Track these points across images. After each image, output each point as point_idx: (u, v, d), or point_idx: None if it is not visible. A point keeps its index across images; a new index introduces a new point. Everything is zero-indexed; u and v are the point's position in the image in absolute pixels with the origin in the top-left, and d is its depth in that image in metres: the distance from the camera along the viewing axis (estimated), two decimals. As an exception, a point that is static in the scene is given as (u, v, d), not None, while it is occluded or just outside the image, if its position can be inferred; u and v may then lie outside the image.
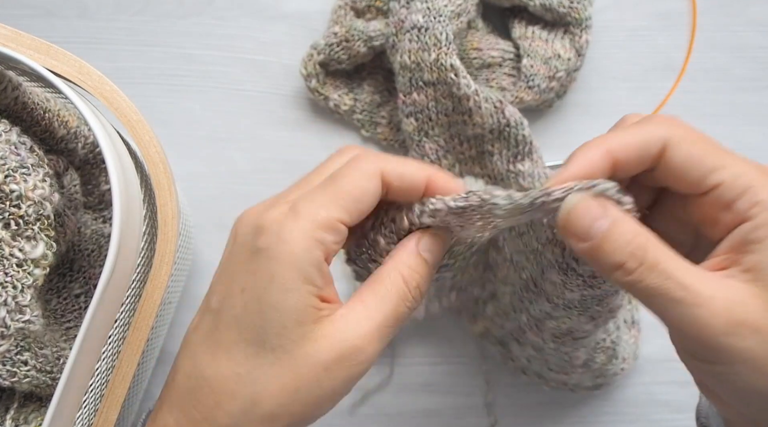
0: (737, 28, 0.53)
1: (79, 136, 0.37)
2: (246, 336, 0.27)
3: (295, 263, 0.27)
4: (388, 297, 0.29)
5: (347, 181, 0.28)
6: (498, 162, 0.48)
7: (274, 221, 0.28)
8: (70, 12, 0.52)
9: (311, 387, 0.27)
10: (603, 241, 0.26)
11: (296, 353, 0.27)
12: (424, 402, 0.50)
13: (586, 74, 0.52)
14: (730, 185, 0.26)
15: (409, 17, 0.46)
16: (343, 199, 0.28)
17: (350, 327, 0.28)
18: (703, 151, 0.27)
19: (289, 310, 0.27)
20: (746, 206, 0.26)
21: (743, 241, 0.26)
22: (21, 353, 0.32)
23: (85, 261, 0.38)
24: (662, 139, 0.27)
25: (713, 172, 0.27)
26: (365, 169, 0.29)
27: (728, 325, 0.25)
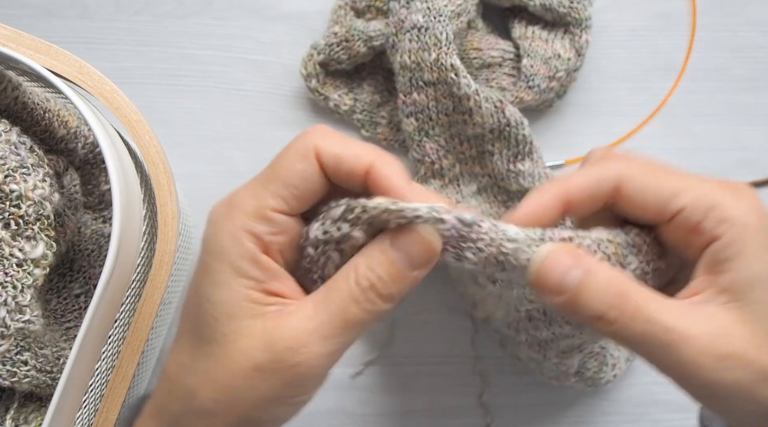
0: (737, 28, 0.53)
1: (79, 136, 0.37)
2: (190, 327, 0.27)
3: (224, 255, 0.26)
4: (335, 295, 0.26)
5: (280, 163, 0.27)
6: (498, 162, 0.48)
7: (213, 212, 0.27)
8: (70, 12, 0.52)
9: (246, 387, 0.25)
10: (578, 293, 0.25)
11: (228, 348, 0.26)
12: (419, 402, 0.50)
13: (586, 74, 0.52)
14: (693, 208, 0.26)
15: (409, 17, 0.46)
16: (275, 186, 0.26)
17: (289, 325, 0.25)
18: (659, 180, 0.27)
19: (220, 303, 0.26)
20: (713, 225, 0.26)
21: (715, 261, 0.26)
22: (21, 353, 0.32)
23: (85, 261, 0.38)
24: (615, 176, 0.27)
25: (674, 198, 0.26)
26: (298, 149, 0.26)
27: (716, 360, 0.24)
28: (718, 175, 0.51)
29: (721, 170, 0.52)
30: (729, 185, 0.27)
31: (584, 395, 0.50)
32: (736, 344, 0.25)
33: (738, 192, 0.26)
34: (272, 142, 0.52)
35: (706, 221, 0.26)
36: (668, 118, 0.52)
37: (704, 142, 0.52)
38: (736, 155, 0.52)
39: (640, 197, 0.27)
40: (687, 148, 0.52)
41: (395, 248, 0.26)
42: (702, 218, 0.26)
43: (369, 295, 0.26)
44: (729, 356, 0.24)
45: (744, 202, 0.26)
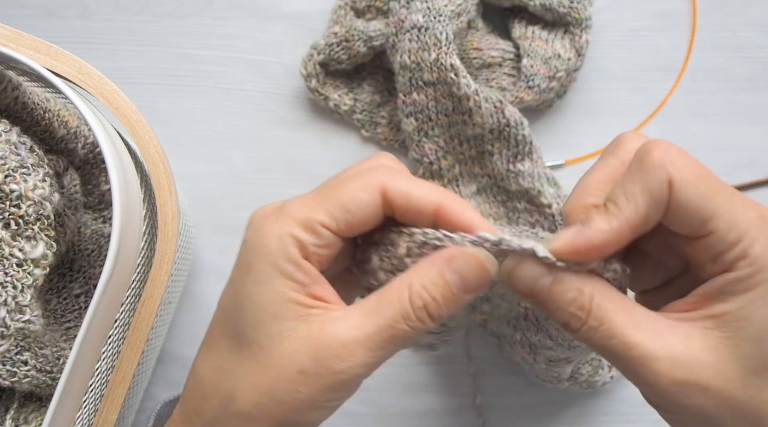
0: (737, 28, 0.53)
1: (79, 136, 0.37)
2: (228, 329, 0.27)
3: (269, 256, 0.26)
4: (387, 310, 0.26)
5: (342, 188, 0.27)
6: (498, 162, 0.48)
7: (259, 216, 0.27)
8: (70, 12, 0.52)
9: (287, 390, 0.26)
10: (546, 299, 0.26)
11: (271, 350, 0.26)
12: (419, 402, 0.50)
13: (586, 74, 0.52)
14: (722, 237, 0.25)
15: (409, 17, 0.46)
16: (331, 204, 0.26)
17: (335, 332, 0.26)
18: (704, 194, 0.25)
19: (263, 303, 0.26)
20: (733, 258, 0.25)
21: (720, 289, 0.25)
22: (21, 353, 0.32)
23: (85, 261, 0.38)
24: (666, 183, 0.25)
25: (708, 221, 0.25)
26: (365, 181, 0.27)
27: (674, 385, 0.24)
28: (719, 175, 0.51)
29: (721, 170, 0.52)
30: (762, 216, 0.25)
31: (583, 396, 0.50)
32: (701, 372, 0.25)
33: None
34: (272, 142, 0.52)
35: (729, 253, 0.25)
36: (668, 118, 0.52)
37: (704, 142, 0.52)
38: (736, 155, 0.52)
39: (682, 211, 0.25)
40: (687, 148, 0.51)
41: (452, 271, 0.26)
42: (726, 250, 0.25)
43: (420, 314, 0.26)
44: (688, 382, 0.24)
45: None
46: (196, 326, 0.51)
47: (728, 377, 0.25)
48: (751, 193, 0.52)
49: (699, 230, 0.25)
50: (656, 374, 0.25)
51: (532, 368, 0.44)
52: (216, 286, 0.51)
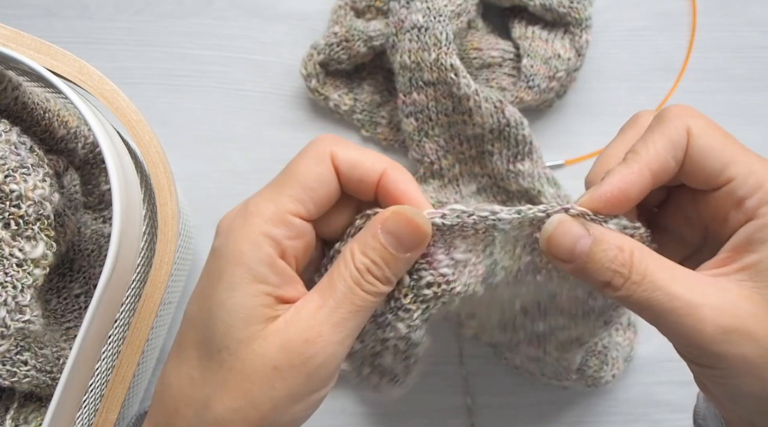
0: (737, 28, 0.53)
1: (79, 136, 0.37)
2: (198, 337, 0.27)
3: (242, 260, 0.26)
4: (339, 281, 0.26)
5: (296, 168, 0.27)
6: (498, 162, 0.48)
7: (225, 221, 0.27)
8: (70, 12, 0.52)
9: (263, 389, 0.25)
10: (587, 261, 0.26)
11: (242, 354, 0.25)
12: (419, 402, 0.50)
13: (586, 74, 0.52)
14: (743, 182, 0.26)
15: (409, 17, 0.46)
16: (293, 189, 0.26)
17: (299, 319, 0.26)
18: (721, 143, 0.26)
19: (235, 308, 0.26)
20: (756, 204, 0.25)
21: (747, 240, 0.26)
22: (21, 353, 0.32)
23: (85, 261, 0.38)
24: (685, 131, 0.27)
25: (728, 167, 0.26)
26: (314, 152, 0.27)
27: (718, 332, 0.25)
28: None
29: (721, 170, 0.52)
30: None
31: (583, 395, 0.50)
32: (742, 319, 0.25)
33: None
34: (272, 142, 0.52)
35: (750, 199, 0.26)
36: (668, 118, 0.52)
37: (704, 142, 0.52)
38: (736, 155, 0.52)
39: (701, 157, 0.26)
40: (687, 148, 0.52)
41: (385, 231, 0.26)
42: (747, 195, 0.26)
43: (367, 277, 0.26)
44: (733, 330, 0.24)
45: None
46: (196, 326, 0.51)
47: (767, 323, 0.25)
48: (751, 193, 0.52)
49: (718, 177, 0.26)
50: (702, 323, 0.25)
51: (540, 363, 0.44)
52: (216, 286, 0.51)
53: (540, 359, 0.43)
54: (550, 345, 0.40)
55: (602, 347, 0.45)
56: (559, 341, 0.39)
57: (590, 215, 0.27)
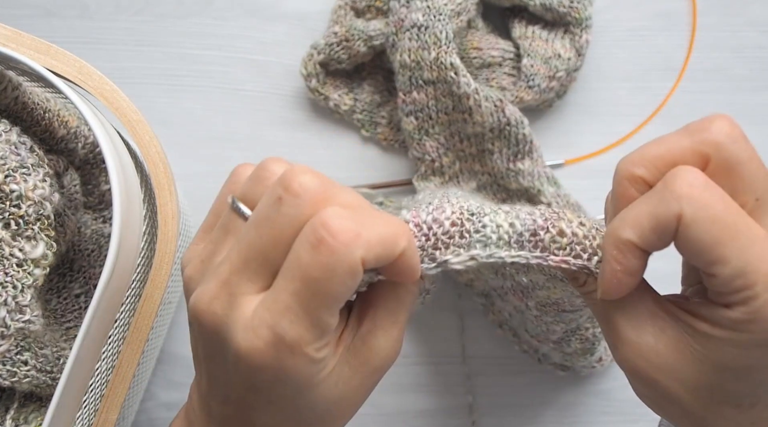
0: (737, 28, 0.53)
1: (79, 136, 0.37)
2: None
3: (310, 372, 0.25)
4: None
5: (329, 287, 0.23)
6: (498, 160, 0.48)
7: (265, 357, 0.24)
8: (70, 12, 0.52)
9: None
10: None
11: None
12: (419, 401, 0.50)
13: (586, 74, 0.52)
14: (726, 283, 0.24)
15: (409, 16, 0.46)
16: (328, 309, 0.23)
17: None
18: (718, 236, 0.24)
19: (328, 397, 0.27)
20: (733, 302, 0.24)
21: (711, 315, 0.25)
22: (21, 353, 0.32)
23: (85, 261, 0.38)
24: (675, 216, 0.24)
25: (715, 264, 0.24)
26: (345, 268, 0.23)
27: (632, 371, 0.27)
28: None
29: (721, 170, 0.52)
30: None
31: (584, 395, 0.50)
32: (659, 369, 0.26)
33: None
34: (272, 142, 0.52)
35: (730, 297, 0.24)
36: (668, 118, 0.52)
37: (704, 142, 0.52)
38: (736, 155, 0.52)
39: (687, 248, 0.25)
40: (687, 148, 0.52)
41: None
42: (728, 293, 0.24)
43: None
44: (644, 376, 0.26)
45: None
46: (196, 326, 0.51)
47: (684, 381, 0.26)
48: (751, 193, 0.52)
49: (704, 268, 0.25)
50: (622, 356, 0.27)
51: (523, 318, 0.44)
52: (216, 286, 0.51)
53: (523, 311, 0.43)
54: (531, 301, 0.40)
55: (592, 335, 0.45)
56: (539, 298, 0.39)
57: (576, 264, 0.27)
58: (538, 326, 0.44)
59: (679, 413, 0.27)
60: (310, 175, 0.24)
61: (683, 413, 0.27)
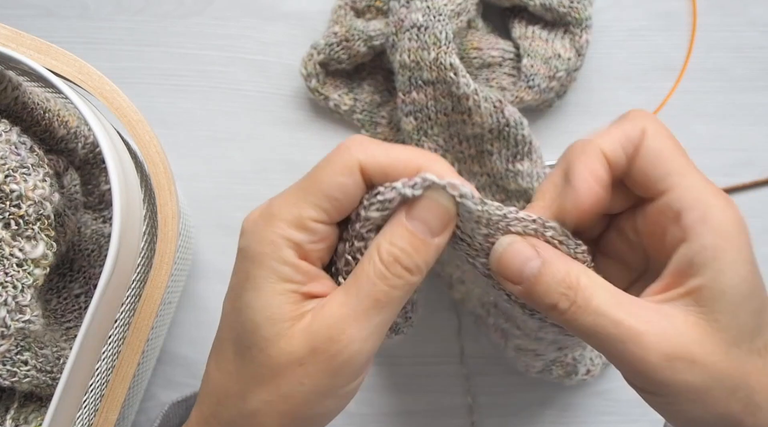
0: (737, 28, 0.53)
1: (79, 136, 0.37)
2: (232, 334, 0.28)
3: (265, 261, 0.26)
4: (362, 277, 0.26)
5: (321, 177, 0.27)
6: (497, 161, 0.48)
7: (249, 222, 0.28)
8: (70, 12, 0.52)
9: (292, 384, 0.26)
10: (535, 283, 0.26)
11: (270, 351, 0.26)
12: (419, 401, 0.50)
13: (586, 74, 0.52)
14: (682, 195, 0.26)
15: (409, 16, 0.46)
16: (316, 197, 0.26)
17: (323, 316, 0.26)
18: (671, 151, 0.27)
19: (261, 307, 0.26)
20: (694, 220, 0.25)
21: (688, 263, 0.26)
22: (21, 353, 0.32)
23: (85, 261, 0.38)
24: (641, 130, 0.27)
25: (671, 176, 0.26)
26: (341, 162, 0.26)
27: (662, 360, 0.25)
28: (719, 175, 0.51)
29: (721, 170, 0.52)
30: (723, 194, 0.26)
31: (584, 396, 0.50)
32: (687, 346, 0.25)
33: (728, 202, 0.26)
34: (272, 142, 0.52)
35: (688, 214, 0.26)
36: (668, 118, 0.52)
37: (704, 142, 0.52)
38: (736, 155, 0.52)
39: (649, 158, 0.27)
40: (687, 148, 0.52)
41: (412, 218, 0.26)
42: (686, 209, 0.26)
43: (394, 269, 0.26)
44: (677, 356, 0.25)
45: (731, 212, 0.26)
46: (196, 326, 0.51)
47: (712, 350, 0.25)
48: (751, 193, 0.52)
49: (661, 182, 0.26)
50: (646, 350, 0.25)
51: (504, 351, 0.45)
52: (216, 286, 0.51)
53: (503, 349, 0.43)
54: (510, 343, 0.40)
55: (572, 359, 0.45)
56: (516, 345, 0.40)
57: (540, 230, 0.27)
58: (517, 363, 0.44)
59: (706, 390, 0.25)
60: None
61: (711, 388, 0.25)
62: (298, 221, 0.26)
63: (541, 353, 0.39)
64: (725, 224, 0.25)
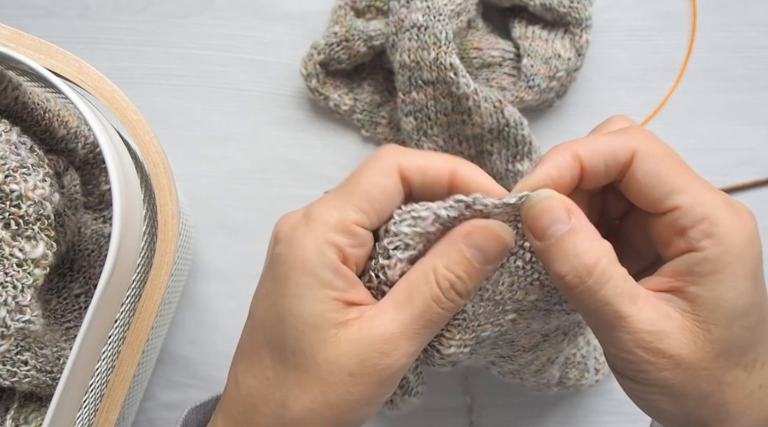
0: (737, 28, 0.53)
1: (79, 136, 0.37)
2: (270, 340, 0.28)
3: (308, 267, 0.26)
4: (417, 297, 0.27)
5: (362, 180, 0.27)
6: (497, 162, 0.48)
7: (287, 226, 0.28)
8: (70, 12, 0.52)
9: (339, 393, 0.26)
10: (554, 246, 0.26)
11: (317, 358, 0.26)
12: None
13: (586, 74, 0.52)
14: (688, 211, 0.26)
15: (409, 16, 0.46)
16: (357, 200, 0.27)
17: (375, 330, 0.26)
18: (669, 170, 0.26)
19: (304, 314, 0.26)
20: (699, 236, 0.26)
21: (688, 270, 0.26)
22: (21, 353, 0.32)
23: (85, 261, 0.38)
24: (631, 149, 0.27)
25: (674, 195, 0.26)
26: (381, 165, 0.27)
27: (650, 355, 0.25)
28: (719, 175, 0.51)
29: (721, 170, 0.52)
30: (730, 202, 0.26)
31: (584, 395, 0.50)
32: (678, 349, 0.25)
33: (737, 213, 0.26)
34: (272, 142, 0.52)
35: (693, 230, 0.26)
36: (668, 118, 0.52)
37: (704, 142, 0.52)
38: (736, 155, 0.52)
39: (644, 181, 0.27)
40: (687, 148, 0.52)
41: (470, 246, 0.27)
42: (691, 225, 0.26)
43: (450, 294, 0.27)
44: (665, 356, 0.25)
45: (739, 225, 0.26)
46: (196, 326, 0.51)
47: (701, 357, 0.26)
48: (751, 193, 0.52)
49: (663, 203, 0.26)
50: (635, 343, 0.26)
51: (521, 384, 0.44)
52: (216, 286, 0.51)
53: (520, 383, 0.43)
54: (525, 374, 0.41)
55: (581, 357, 0.46)
56: (532, 370, 0.40)
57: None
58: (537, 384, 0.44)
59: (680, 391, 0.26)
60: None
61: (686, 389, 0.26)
62: (341, 224, 0.27)
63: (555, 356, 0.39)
64: (731, 237, 0.25)
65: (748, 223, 0.26)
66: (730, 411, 0.26)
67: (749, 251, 0.25)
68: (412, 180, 0.28)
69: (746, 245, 0.25)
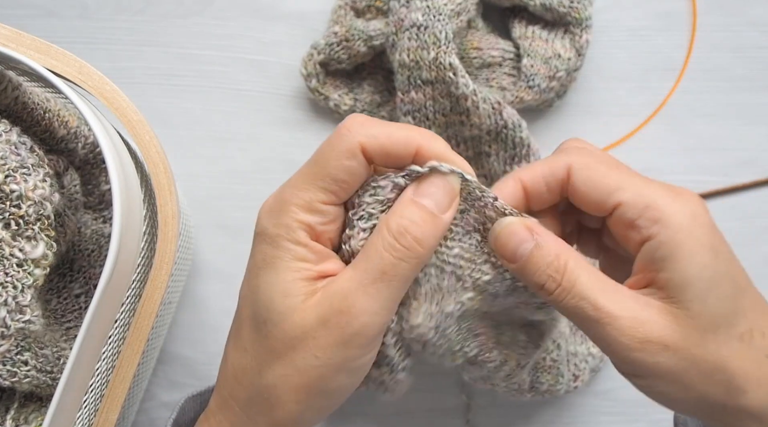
0: (737, 28, 0.53)
1: (79, 136, 0.37)
2: (248, 313, 0.29)
3: (281, 243, 0.28)
4: (371, 250, 0.28)
5: (327, 161, 0.28)
6: (495, 163, 0.48)
7: (264, 208, 0.29)
8: (70, 12, 0.52)
9: (306, 358, 0.27)
10: (527, 263, 0.28)
11: (285, 325, 0.27)
12: (420, 401, 0.50)
13: (586, 74, 0.52)
14: (630, 204, 0.28)
15: (409, 16, 0.46)
16: (324, 181, 0.28)
17: (333, 293, 0.27)
18: (603, 174, 0.29)
19: (275, 283, 0.28)
20: (647, 224, 0.27)
21: (651, 259, 0.27)
22: (21, 353, 0.32)
23: (85, 261, 0.38)
24: (566, 165, 0.29)
25: (613, 193, 0.28)
26: (344, 147, 0.28)
27: (634, 341, 0.27)
28: (719, 175, 0.51)
29: (721, 170, 0.52)
30: (670, 188, 0.28)
31: (583, 395, 0.50)
32: (659, 331, 0.26)
33: (677, 195, 0.28)
34: (272, 142, 0.52)
35: (640, 219, 0.27)
36: (668, 118, 0.52)
37: (704, 142, 0.52)
38: (736, 155, 0.52)
39: (583, 189, 0.29)
40: (687, 148, 0.52)
41: (420, 195, 0.28)
42: (637, 216, 0.27)
43: (403, 240, 0.27)
44: (649, 340, 0.26)
45: (680, 205, 0.27)
46: (196, 326, 0.51)
47: (686, 336, 0.27)
48: (751, 193, 0.52)
49: (606, 203, 0.28)
50: (620, 332, 0.27)
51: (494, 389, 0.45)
52: (216, 286, 0.51)
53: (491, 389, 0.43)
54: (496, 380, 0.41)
55: (551, 361, 0.46)
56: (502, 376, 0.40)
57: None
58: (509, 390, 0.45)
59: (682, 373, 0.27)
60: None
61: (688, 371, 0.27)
62: (308, 204, 0.28)
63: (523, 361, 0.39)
64: (677, 217, 0.27)
65: (689, 201, 0.28)
66: (741, 385, 0.27)
67: (697, 225, 0.27)
68: (376, 160, 0.28)
69: (692, 220, 0.27)
